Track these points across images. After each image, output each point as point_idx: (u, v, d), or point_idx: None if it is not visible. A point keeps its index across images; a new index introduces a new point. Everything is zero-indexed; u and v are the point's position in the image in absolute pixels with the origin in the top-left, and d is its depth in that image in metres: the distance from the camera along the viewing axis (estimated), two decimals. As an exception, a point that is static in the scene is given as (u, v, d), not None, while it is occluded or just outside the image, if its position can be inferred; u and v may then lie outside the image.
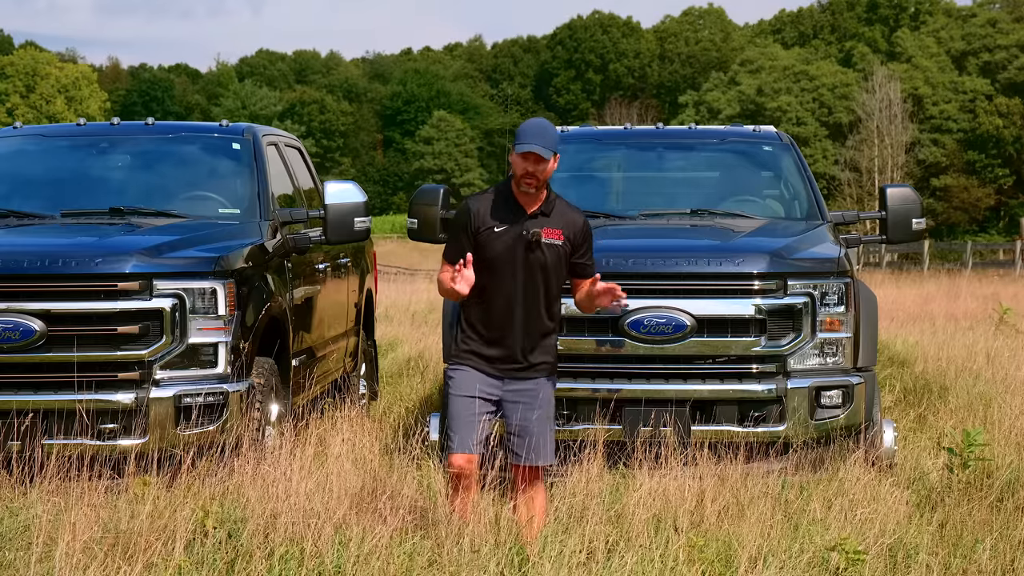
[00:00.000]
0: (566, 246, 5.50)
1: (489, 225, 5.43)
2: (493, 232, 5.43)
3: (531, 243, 5.41)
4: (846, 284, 7.02)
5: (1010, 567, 5.46)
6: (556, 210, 5.51)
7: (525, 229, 5.42)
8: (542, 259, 5.44)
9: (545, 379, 5.59)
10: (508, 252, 5.42)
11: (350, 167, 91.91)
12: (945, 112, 74.21)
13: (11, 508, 5.81)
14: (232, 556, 5.18)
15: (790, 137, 9.08)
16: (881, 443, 7.21)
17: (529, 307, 5.46)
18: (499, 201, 5.48)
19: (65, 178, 8.55)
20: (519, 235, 5.42)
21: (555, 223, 5.48)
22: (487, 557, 5.09)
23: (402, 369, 12.73)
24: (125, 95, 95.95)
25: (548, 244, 5.45)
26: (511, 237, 5.42)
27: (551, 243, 5.45)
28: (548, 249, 5.45)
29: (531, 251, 5.43)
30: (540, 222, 5.45)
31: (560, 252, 5.49)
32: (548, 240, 5.45)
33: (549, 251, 5.45)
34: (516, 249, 5.42)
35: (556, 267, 5.50)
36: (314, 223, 8.50)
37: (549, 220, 5.47)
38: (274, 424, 7.33)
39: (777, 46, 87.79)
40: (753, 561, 5.28)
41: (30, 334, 6.62)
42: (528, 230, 5.42)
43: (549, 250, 5.45)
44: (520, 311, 5.46)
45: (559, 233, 5.47)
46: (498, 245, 5.42)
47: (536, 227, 5.43)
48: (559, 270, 5.53)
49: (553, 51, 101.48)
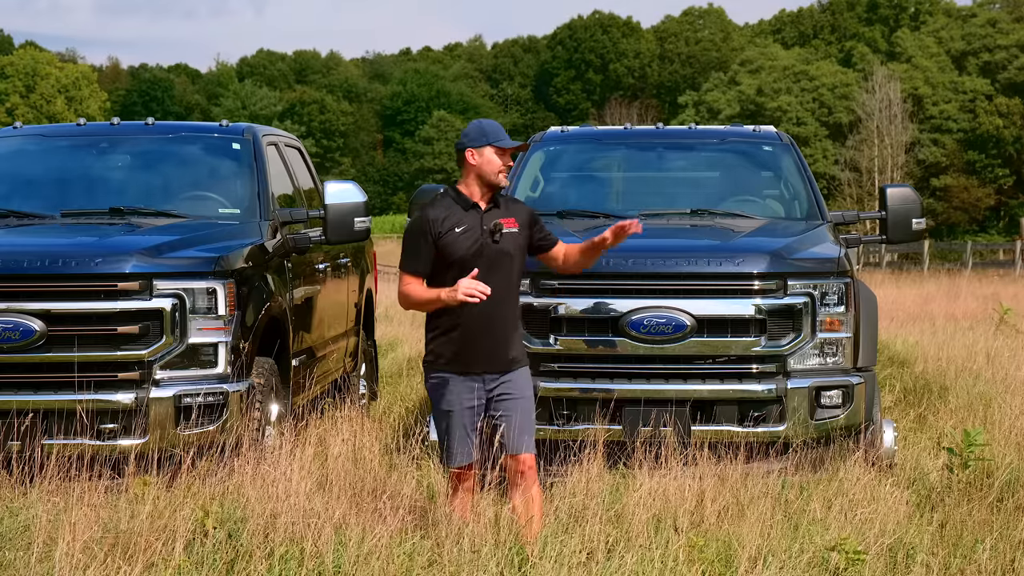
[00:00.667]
0: (523, 231, 5.65)
1: (450, 227, 5.54)
2: (455, 233, 5.53)
3: (494, 234, 5.53)
4: (846, 284, 7.02)
5: (1010, 567, 5.46)
6: (502, 203, 5.68)
7: (484, 223, 5.55)
8: (506, 249, 5.57)
9: (523, 370, 5.65)
10: (474, 248, 5.52)
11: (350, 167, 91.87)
12: (945, 112, 74.18)
13: (11, 508, 5.81)
14: (232, 556, 5.19)
15: (790, 137, 9.08)
16: (881, 443, 7.21)
17: (501, 300, 5.52)
18: (452, 204, 5.61)
19: (65, 178, 8.55)
20: (480, 231, 5.54)
21: (507, 213, 5.64)
22: (487, 557, 5.09)
23: (402, 369, 12.73)
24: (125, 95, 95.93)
25: (509, 232, 5.59)
26: (474, 234, 5.54)
27: (511, 231, 5.60)
28: (510, 238, 5.59)
29: (496, 243, 5.54)
30: (495, 214, 5.60)
31: (519, 239, 5.64)
32: (508, 229, 5.59)
33: (511, 240, 5.60)
34: (481, 245, 5.53)
35: (519, 255, 5.65)
36: (314, 223, 8.50)
37: (501, 212, 5.63)
38: (274, 424, 7.33)
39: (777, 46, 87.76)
40: (753, 561, 5.29)
41: (30, 334, 6.62)
42: (488, 223, 5.55)
43: (511, 239, 5.60)
44: (493, 306, 5.49)
45: (513, 221, 5.63)
46: (463, 244, 5.52)
47: (494, 219, 5.57)
48: (521, 258, 5.67)
49: (553, 51, 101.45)
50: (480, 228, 5.54)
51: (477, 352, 5.51)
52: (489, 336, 5.51)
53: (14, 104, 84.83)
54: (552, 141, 9.09)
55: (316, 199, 9.48)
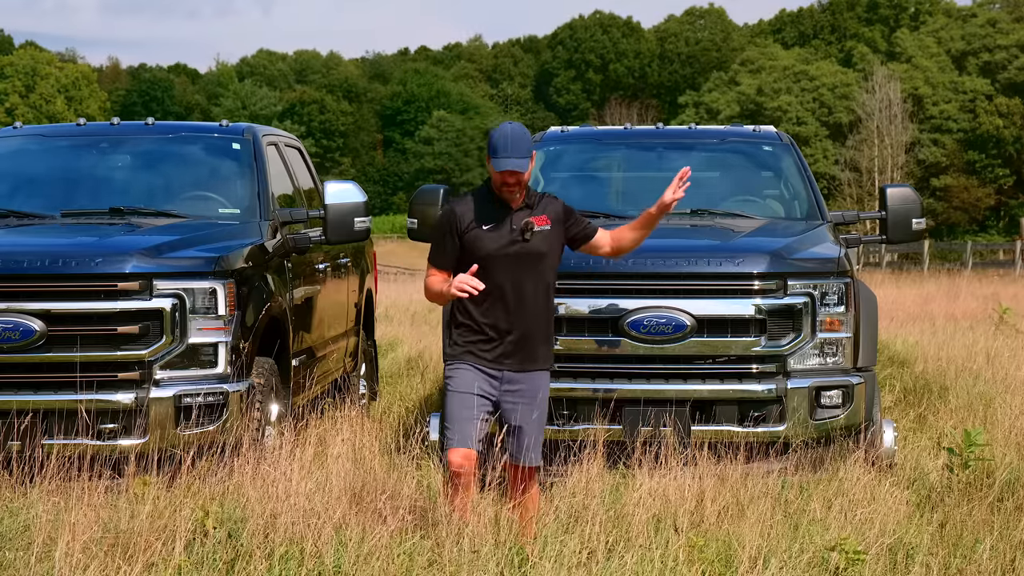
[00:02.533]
0: (556, 228, 5.61)
1: (476, 224, 5.51)
2: (481, 231, 5.50)
3: (524, 233, 5.49)
4: (846, 284, 7.02)
5: (1010, 567, 5.46)
6: (537, 202, 5.63)
7: (514, 223, 5.51)
8: (537, 248, 5.52)
9: (543, 374, 5.61)
10: (500, 248, 5.49)
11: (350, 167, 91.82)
12: (945, 112, 74.19)
13: (11, 508, 5.81)
14: (232, 556, 5.19)
15: (790, 137, 9.08)
16: (881, 443, 7.21)
17: (527, 300, 5.51)
18: (481, 202, 5.58)
19: (65, 178, 8.55)
20: (508, 230, 5.51)
21: (539, 212, 5.59)
22: (487, 557, 5.09)
23: (402, 369, 12.73)
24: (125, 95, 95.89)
25: (540, 231, 5.54)
26: (501, 234, 5.50)
27: (542, 229, 5.55)
28: (541, 236, 5.54)
29: (525, 242, 5.50)
30: (526, 214, 5.56)
31: (552, 236, 5.59)
32: (540, 228, 5.55)
33: (542, 238, 5.55)
34: (507, 244, 5.49)
35: (552, 254, 5.60)
36: (314, 223, 8.50)
37: (533, 211, 5.58)
38: (274, 424, 7.33)
39: (777, 46, 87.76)
40: (753, 561, 5.28)
41: (30, 334, 6.62)
42: (517, 223, 5.51)
43: (542, 237, 5.55)
44: (519, 305, 5.49)
45: (545, 219, 5.58)
46: (488, 243, 5.49)
47: (524, 217, 5.53)
48: (554, 257, 5.62)
49: (553, 51, 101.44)
50: (509, 227, 5.50)
51: (501, 347, 5.50)
52: (516, 333, 5.50)
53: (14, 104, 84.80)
54: (552, 141, 9.09)
55: (316, 199, 9.48)
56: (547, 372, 5.66)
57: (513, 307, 5.49)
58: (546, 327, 5.61)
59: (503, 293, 5.49)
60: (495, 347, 5.52)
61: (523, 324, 5.51)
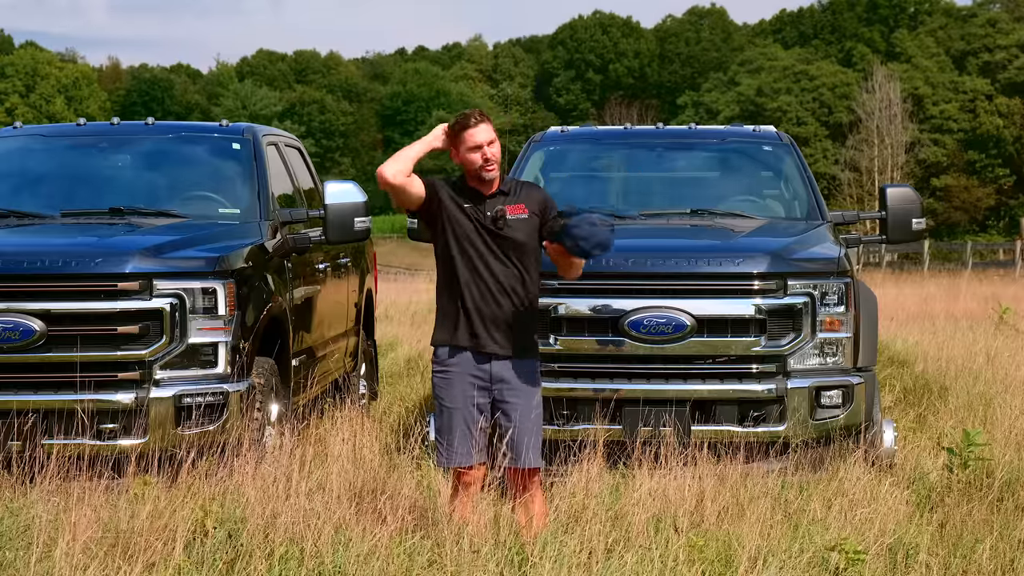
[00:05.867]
0: (533, 219, 5.53)
1: (452, 197, 5.49)
2: (461, 208, 5.47)
3: (497, 221, 5.44)
4: (846, 284, 7.02)
5: (1010, 567, 5.46)
6: (513, 189, 5.57)
7: (488, 209, 5.46)
8: (512, 236, 5.46)
9: (534, 373, 5.57)
10: (475, 235, 5.45)
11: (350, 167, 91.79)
12: (945, 112, 74.18)
13: (11, 508, 5.81)
14: (232, 556, 5.19)
15: (790, 137, 9.09)
16: (881, 443, 7.21)
17: (504, 286, 5.45)
18: (460, 188, 5.55)
19: (65, 178, 8.55)
20: (484, 216, 5.46)
21: (515, 200, 5.52)
22: (487, 557, 5.09)
23: (402, 369, 12.73)
24: (125, 95, 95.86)
25: (515, 219, 5.48)
26: (476, 219, 5.46)
27: (517, 217, 5.49)
28: (516, 224, 5.48)
29: (499, 229, 5.44)
30: (500, 200, 5.51)
31: (529, 225, 5.51)
32: (514, 216, 5.48)
33: (518, 226, 5.48)
34: (483, 231, 5.45)
35: (529, 242, 5.52)
36: (314, 223, 8.50)
37: (508, 198, 5.52)
38: (274, 424, 7.33)
39: (777, 46, 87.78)
40: (753, 561, 5.28)
41: (30, 334, 6.62)
42: (491, 209, 5.46)
43: (517, 225, 5.48)
44: (498, 291, 5.44)
45: (522, 207, 5.51)
46: (465, 224, 5.45)
47: (498, 205, 5.48)
48: (532, 245, 5.54)
49: (553, 51, 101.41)
50: (482, 214, 5.46)
51: (486, 332, 5.44)
52: (499, 319, 5.44)
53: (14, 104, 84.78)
54: (552, 141, 9.09)
55: (316, 199, 9.48)
56: (537, 370, 5.60)
57: (491, 291, 5.43)
58: (526, 315, 5.52)
59: (480, 277, 5.44)
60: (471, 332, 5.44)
61: (507, 310, 5.44)
